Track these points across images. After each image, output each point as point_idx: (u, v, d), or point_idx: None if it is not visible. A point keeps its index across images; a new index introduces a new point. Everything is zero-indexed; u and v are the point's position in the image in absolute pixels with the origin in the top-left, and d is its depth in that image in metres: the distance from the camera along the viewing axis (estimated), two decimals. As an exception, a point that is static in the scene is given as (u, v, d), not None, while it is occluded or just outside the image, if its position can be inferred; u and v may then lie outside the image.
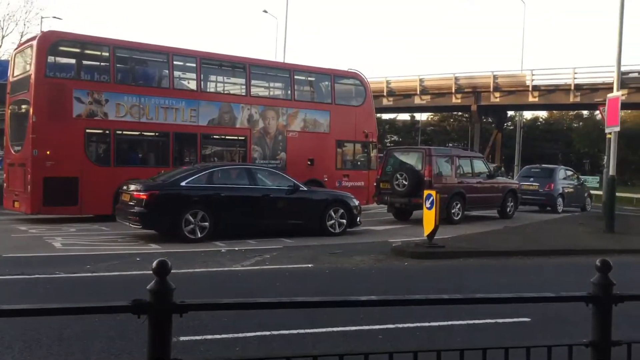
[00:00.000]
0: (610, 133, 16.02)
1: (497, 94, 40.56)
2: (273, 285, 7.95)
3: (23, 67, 15.28)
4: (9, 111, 15.62)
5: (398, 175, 15.90)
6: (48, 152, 13.81)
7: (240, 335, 5.44)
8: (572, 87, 37.92)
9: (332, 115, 18.51)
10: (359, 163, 19.24)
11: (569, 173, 23.74)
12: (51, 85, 14.14)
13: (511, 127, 56.52)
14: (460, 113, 58.08)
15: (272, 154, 17.45)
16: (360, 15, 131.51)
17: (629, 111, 53.27)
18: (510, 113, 53.41)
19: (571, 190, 22.46)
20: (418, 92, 41.34)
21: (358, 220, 13.51)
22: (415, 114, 62.01)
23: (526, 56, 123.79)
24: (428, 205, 10.87)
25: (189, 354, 4.91)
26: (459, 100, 41.77)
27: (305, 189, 13.22)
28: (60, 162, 13.87)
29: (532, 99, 39.77)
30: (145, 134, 16.02)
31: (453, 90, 40.83)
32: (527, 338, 5.63)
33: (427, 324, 5.92)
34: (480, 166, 18.07)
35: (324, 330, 5.62)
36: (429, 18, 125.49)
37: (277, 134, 17.49)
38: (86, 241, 11.45)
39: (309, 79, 19.48)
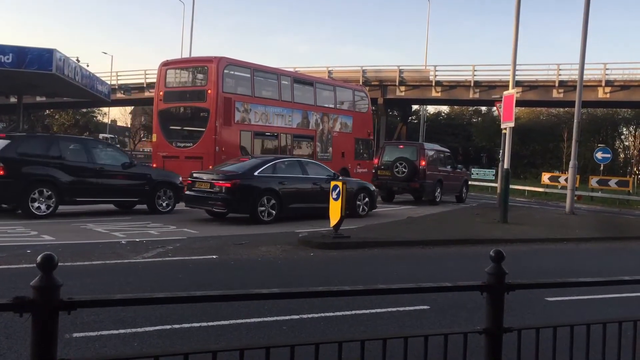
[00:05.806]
0: (505, 128, 16.91)
1: (403, 88, 41.73)
2: (175, 277, 7.72)
3: (183, 80, 20.47)
4: (159, 114, 20.04)
5: (398, 164, 20.16)
6: (223, 149, 18.49)
7: (139, 330, 5.24)
8: (472, 84, 39.73)
9: (353, 119, 24.85)
10: (365, 155, 25.72)
11: None
12: (225, 98, 19.00)
13: (415, 121, 58.41)
14: (367, 106, 59.19)
15: (325, 149, 23.43)
16: (270, 2, 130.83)
17: (523, 108, 56.57)
18: (414, 107, 55.12)
19: None
20: (327, 84, 41.73)
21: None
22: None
23: (430, 53, 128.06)
24: (334, 196, 10.96)
25: (83, 352, 4.66)
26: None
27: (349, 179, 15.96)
28: (228, 156, 17.90)
29: (435, 93, 41.27)
30: (267, 134, 21.01)
31: (361, 83, 41.50)
32: (427, 326, 5.82)
33: (331, 314, 5.96)
34: (449, 159, 22.54)
35: (226, 322, 5.52)
36: (337, 11, 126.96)
37: (327, 134, 23.50)
38: (-29, 233, 10.64)
39: (342, 92, 25.40)
